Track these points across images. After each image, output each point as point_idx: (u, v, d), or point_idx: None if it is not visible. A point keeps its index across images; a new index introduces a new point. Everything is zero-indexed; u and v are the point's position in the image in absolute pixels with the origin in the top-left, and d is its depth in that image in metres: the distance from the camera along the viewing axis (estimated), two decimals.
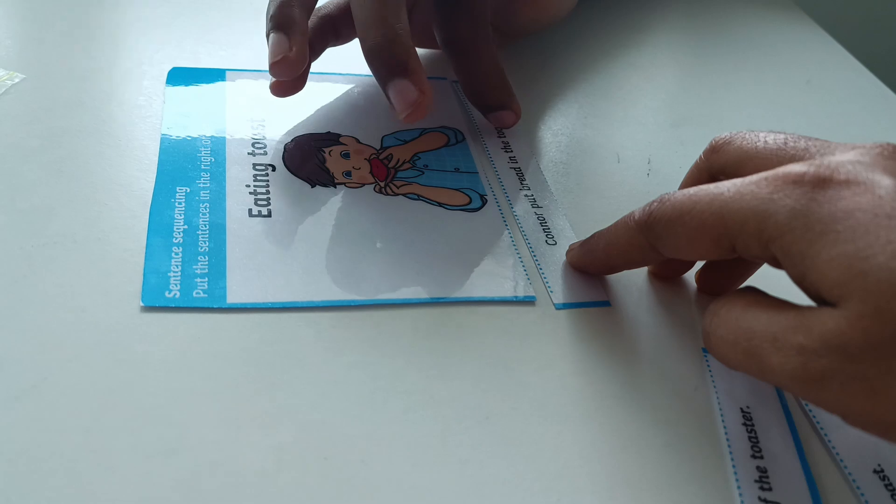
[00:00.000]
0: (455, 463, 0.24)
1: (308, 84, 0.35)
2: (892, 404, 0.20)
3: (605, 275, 0.31)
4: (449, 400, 0.26)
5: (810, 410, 0.28)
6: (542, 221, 0.33)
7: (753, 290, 0.25)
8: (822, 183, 0.22)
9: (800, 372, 0.21)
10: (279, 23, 0.33)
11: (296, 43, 0.33)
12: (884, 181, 0.22)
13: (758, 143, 0.27)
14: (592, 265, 0.31)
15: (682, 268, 0.32)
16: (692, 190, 0.25)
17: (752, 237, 0.23)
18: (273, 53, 0.33)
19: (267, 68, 0.33)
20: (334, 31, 0.37)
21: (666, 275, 0.32)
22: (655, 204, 0.26)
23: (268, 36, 0.34)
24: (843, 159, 0.23)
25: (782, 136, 0.26)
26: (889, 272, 0.20)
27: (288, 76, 0.34)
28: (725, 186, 0.24)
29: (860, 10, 0.88)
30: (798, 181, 0.22)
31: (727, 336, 0.24)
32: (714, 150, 0.28)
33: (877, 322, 0.20)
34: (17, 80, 0.35)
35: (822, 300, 0.22)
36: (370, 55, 0.33)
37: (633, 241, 0.28)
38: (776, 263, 0.23)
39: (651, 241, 0.27)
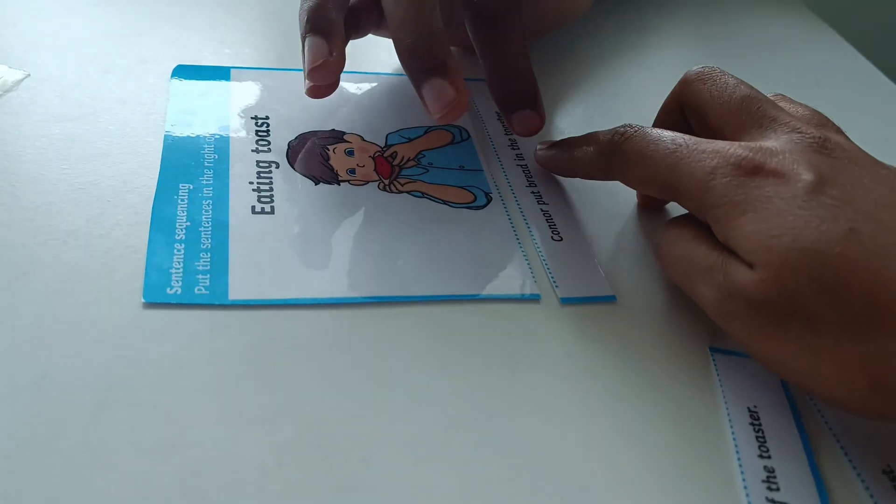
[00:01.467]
0: (458, 462, 0.24)
1: None
2: (778, 347, 0.25)
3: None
4: (452, 398, 0.25)
5: (819, 410, 0.27)
6: (549, 218, 0.33)
7: (699, 223, 0.28)
8: (755, 170, 0.26)
9: (716, 304, 0.26)
10: (316, 25, 0.33)
11: (335, 46, 0.32)
12: (804, 175, 0.26)
13: (723, 97, 0.30)
14: (556, 170, 0.35)
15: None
16: (654, 135, 0.29)
17: (693, 198, 0.27)
18: (312, 59, 0.32)
19: (269, 66, 0.33)
20: (355, 24, 0.36)
21: (652, 206, 0.35)
22: (618, 138, 0.30)
23: (303, 39, 0.33)
24: (777, 146, 0.27)
25: (747, 91, 0.30)
26: (788, 251, 0.24)
27: (327, 81, 0.33)
28: (683, 144, 0.28)
29: (869, 10, 0.87)
30: (737, 165, 0.26)
31: (672, 254, 0.29)
32: (687, 83, 0.32)
33: (775, 287, 0.24)
34: (21, 78, 0.35)
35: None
36: (407, 54, 0.32)
37: (594, 163, 0.32)
38: (706, 221, 0.28)
39: (608, 168, 0.31)
